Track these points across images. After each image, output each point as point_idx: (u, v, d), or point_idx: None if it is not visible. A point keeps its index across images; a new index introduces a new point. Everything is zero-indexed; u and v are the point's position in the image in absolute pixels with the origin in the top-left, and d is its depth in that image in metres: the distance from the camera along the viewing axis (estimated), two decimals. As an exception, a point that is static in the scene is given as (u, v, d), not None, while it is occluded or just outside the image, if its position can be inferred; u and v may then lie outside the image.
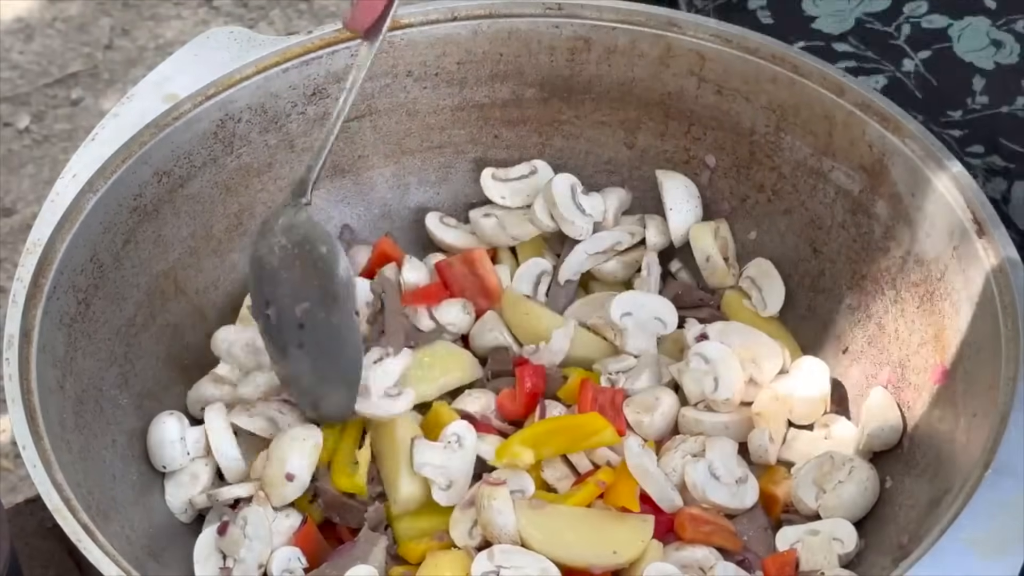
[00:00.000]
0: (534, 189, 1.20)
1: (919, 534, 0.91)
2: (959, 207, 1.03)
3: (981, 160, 1.23)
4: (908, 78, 1.20)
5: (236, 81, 1.14)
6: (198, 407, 1.11)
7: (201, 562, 1.02)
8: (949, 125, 1.23)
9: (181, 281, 1.14)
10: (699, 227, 1.18)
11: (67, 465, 0.94)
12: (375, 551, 1.01)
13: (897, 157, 1.08)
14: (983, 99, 1.22)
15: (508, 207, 1.20)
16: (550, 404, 1.09)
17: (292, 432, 1.05)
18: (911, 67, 1.20)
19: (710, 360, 1.09)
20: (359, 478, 1.03)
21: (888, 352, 1.09)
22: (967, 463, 0.92)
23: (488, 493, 1.00)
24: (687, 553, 1.01)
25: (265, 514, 1.02)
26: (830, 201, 1.14)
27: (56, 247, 1.03)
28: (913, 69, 1.20)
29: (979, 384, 0.97)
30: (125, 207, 1.09)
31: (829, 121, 1.12)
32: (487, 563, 0.98)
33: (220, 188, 1.16)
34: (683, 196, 1.18)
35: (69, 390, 1.01)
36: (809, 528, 1.02)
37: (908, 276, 1.08)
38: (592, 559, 0.99)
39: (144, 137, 1.10)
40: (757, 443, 1.07)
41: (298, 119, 1.18)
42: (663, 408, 1.09)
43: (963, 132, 1.23)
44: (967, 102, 1.22)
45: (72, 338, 1.03)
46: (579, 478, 1.06)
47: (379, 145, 1.22)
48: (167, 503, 1.07)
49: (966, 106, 1.22)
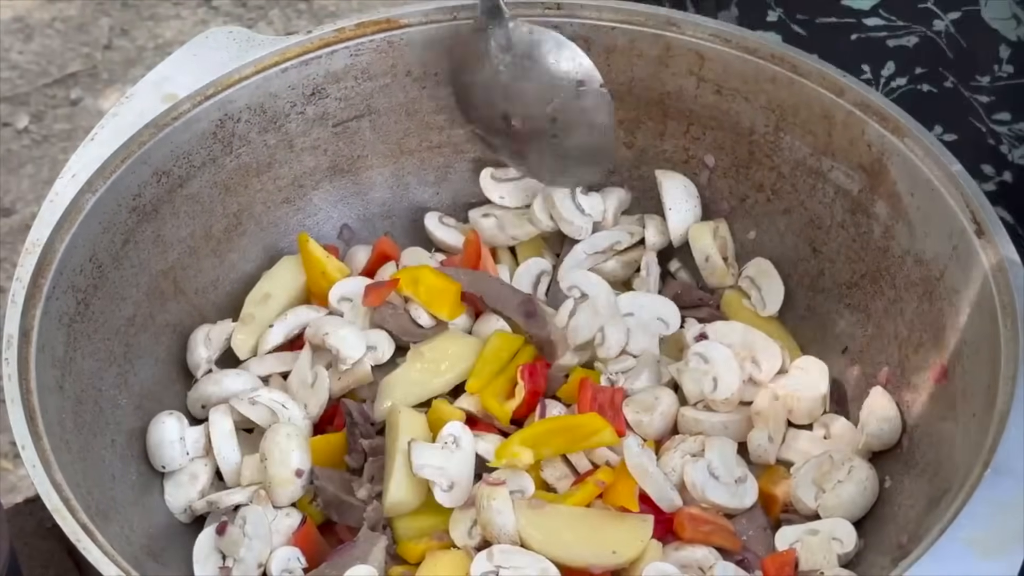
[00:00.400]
0: (533, 189, 1.20)
1: (918, 534, 0.91)
2: (958, 207, 1.03)
3: (1007, 127, 1.23)
4: (940, 37, 1.20)
5: (235, 81, 1.14)
6: (198, 407, 1.11)
7: (200, 562, 1.02)
8: (977, 90, 1.22)
9: (180, 281, 1.14)
10: (698, 227, 1.18)
11: (66, 465, 0.94)
12: (374, 551, 1.01)
13: (896, 157, 1.08)
14: (1009, 68, 1.21)
15: (507, 207, 1.20)
16: (550, 403, 1.09)
17: (284, 429, 1.05)
18: (942, 27, 1.19)
19: (709, 360, 1.09)
20: (506, 408, 1.06)
21: (887, 352, 1.09)
22: (966, 462, 0.92)
23: (488, 493, 1.00)
24: (686, 553, 1.01)
25: (265, 513, 1.02)
26: (829, 201, 1.14)
27: (55, 247, 1.03)
28: (944, 29, 1.20)
29: (978, 383, 0.97)
30: (124, 207, 1.09)
31: (828, 121, 1.12)
32: (486, 563, 0.98)
33: (219, 188, 1.16)
34: (682, 196, 1.18)
35: (68, 390, 1.01)
36: (808, 528, 1.02)
37: (907, 276, 1.08)
38: (591, 559, 0.99)
39: (143, 137, 1.10)
40: (756, 443, 1.07)
41: (297, 119, 1.18)
42: (663, 408, 1.09)
43: (991, 99, 1.23)
44: (994, 68, 1.22)
45: (71, 338, 1.02)
46: (578, 478, 1.06)
47: (378, 145, 1.22)
48: (166, 503, 1.07)
49: (993, 72, 1.22)
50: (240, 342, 1.14)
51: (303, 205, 1.21)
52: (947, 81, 1.23)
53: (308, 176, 1.21)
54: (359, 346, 1.10)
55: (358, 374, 1.10)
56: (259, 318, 1.15)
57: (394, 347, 1.12)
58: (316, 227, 1.21)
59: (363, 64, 1.18)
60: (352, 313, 1.14)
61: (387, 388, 1.10)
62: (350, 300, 1.14)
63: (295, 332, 1.14)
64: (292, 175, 1.20)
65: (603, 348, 1.11)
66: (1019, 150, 1.22)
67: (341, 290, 1.15)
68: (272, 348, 1.13)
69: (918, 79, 1.24)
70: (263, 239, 1.19)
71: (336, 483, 1.05)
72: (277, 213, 1.20)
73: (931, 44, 1.22)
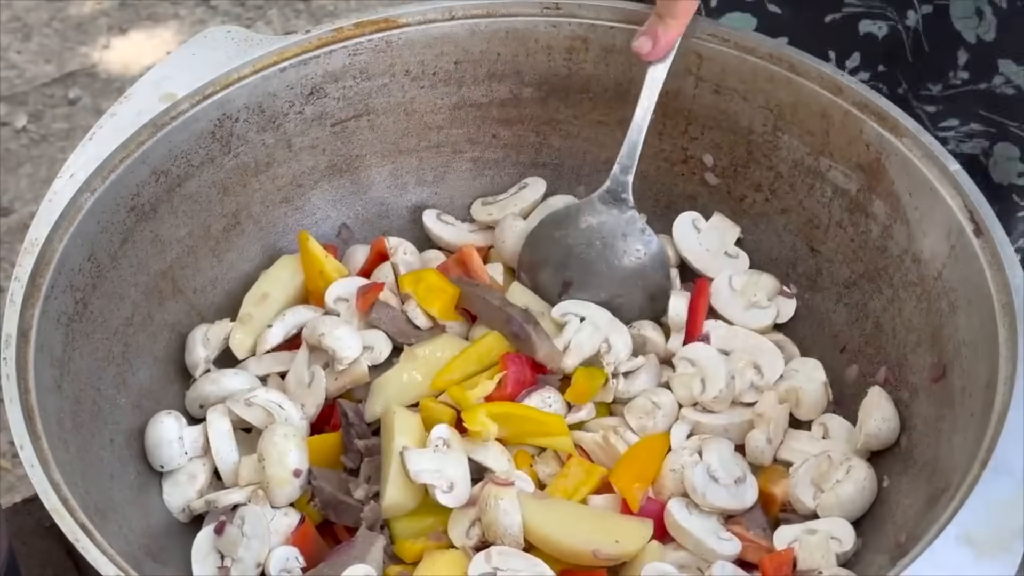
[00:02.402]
0: (527, 202, 1.20)
1: (916, 533, 0.91)
2: (957, 206, 1.03)
3: (954, 131, 1.23)
4: (907, 33, 1.20)
5: (234, 80, 1.14)
6: (196, 406, 1.11)
7: (199, 561, 1.02)
8: (928, 100, 1.23)
9: (179, 280, 1.14)
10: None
11: (65, 465, 0.94)
12: (372, 550, 1.01)
13: (895, 156, 1.08)
14: (964, 75, 1.21)
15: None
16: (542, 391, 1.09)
17: (281, 429, 1.05)
18: (913, 21, 1.19)
19: (696, 363, 1.10)
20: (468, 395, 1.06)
21: (886, 351, 1.09)
22: (965, 462, 0.92)
23: (495, 493, 1.00)
24: (685, 553, 1.01)
25: (263, 513, 1.02)
26: (827, 200, 1.14)
27: (54, 246, 1.03)
28: (914, 24, 1.19)
29: (976, 383, 0.97)
30: (123, 206, 1.09)
31: (826, 120, 1.12)
32: (484, 565, 0.98)
33: (218, 188, 1.15)
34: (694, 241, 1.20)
35: (67, 389, 1.00)
36: (807, 527, 1.02)
37: (905, 275, 1.08)
38: (595, 544, 0.99)
39: (142, 136, 1.10)
40: (754, 444, 1.07)
41: (295, 119, 1.18)
42: (664, 410, 1.09)
43: (938, 108, 1.23)
44: (949, 76, 1.22)
45: (70, 337, 1.02)
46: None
47: (376, 144, 1.22)
48: (165, 502, 1.07)
49: (947, 80, 1.22)
50: (238, 342, 1.14)
51: (301, 204, 1.21)
52: (900, 87, 1.23)
53: (306, 176, 1.21)
54: (355, 346, 1.10)
55: (355, 374, 1.10)
56: (257, 318, 1.15)
57: (391, 348, 1.12)
58: (315, 226, 1.21)
59: (361, 64, 1.18)
60: (348, 313, 1.14)
61: (379, 388, 1.10)
62: (346, 300, 1.14)
63: (293, 332, 1.14)
64: (290, 174, 1.20)
65: (611, 355, 1.11)
66: (969, 143, 1.23)
67: (337, 290, 1.15)
68: (271, 348, 1.13)
69: (879, 77, 1.24)
70: (261, 239, 1.19)
71: (334, 483, 1.05)
72: (275, 213, 1.20)
73: (897, 42, 1.22)
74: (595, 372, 1.10)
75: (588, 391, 1.09)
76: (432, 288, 1.13)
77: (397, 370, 1.11)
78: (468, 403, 1.06)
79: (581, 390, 1.09)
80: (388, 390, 1.10)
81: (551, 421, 1.07)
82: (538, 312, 1.13)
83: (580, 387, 1.09)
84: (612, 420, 1.10)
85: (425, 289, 1.13)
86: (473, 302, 1.14)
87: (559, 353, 1.10)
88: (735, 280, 1.16)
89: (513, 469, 1.05)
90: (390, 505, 1.02)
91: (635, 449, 1.07)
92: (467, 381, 1.09)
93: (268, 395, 1.09)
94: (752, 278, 1.17)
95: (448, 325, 1.14)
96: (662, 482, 1.05)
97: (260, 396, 1.08)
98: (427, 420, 1.06)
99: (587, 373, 1.10)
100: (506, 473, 1.04)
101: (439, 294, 1.13)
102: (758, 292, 1.16)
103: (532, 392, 1.09)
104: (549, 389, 1.10)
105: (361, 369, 1.10)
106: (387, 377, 1.10)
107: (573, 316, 1.13)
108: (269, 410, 1.07)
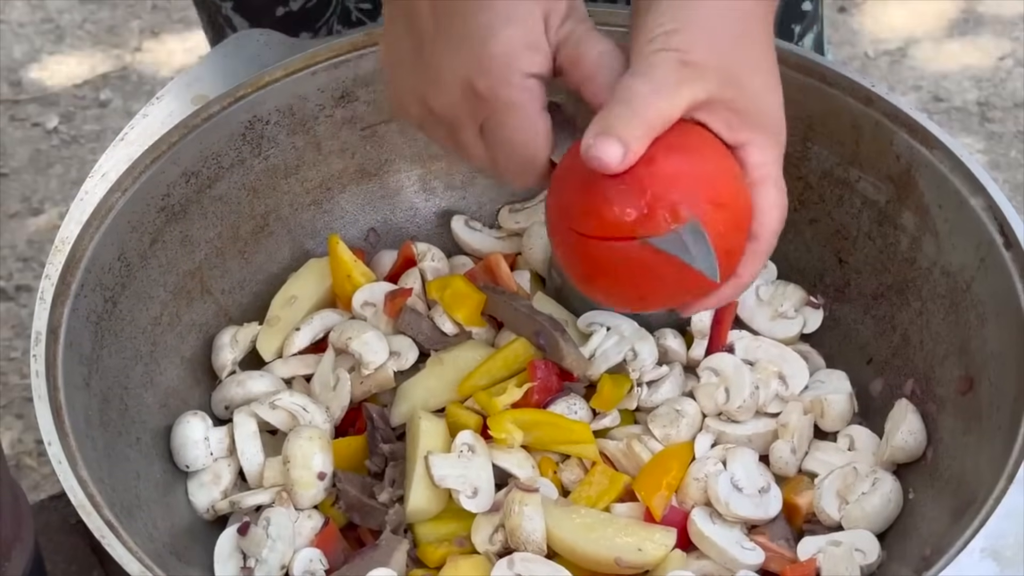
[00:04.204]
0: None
1: (941, 546, 0.91)
2: (987, 218, 1.02)
3: None
4: None
5: (265, 83, 1.14)
6: (221, 407, 1.11)
7: (222, 561, 1.02)
8: None
9: (207, 281, 1.15)
10: None
11: (91, 462, 0.94)
12: (396, 554, 1.01)
13: (925, 168, 1.07)
14: None
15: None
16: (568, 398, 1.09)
17: (306, 432, 1.05)
18: None
19: (720, 372, 1.10)
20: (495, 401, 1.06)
21: (913, 363, 1.09)
22: (991, 475, 0.92)
23: (520, 499, 1.00)
24: (708, 562, 1.01)
25: (288, 515, 1.03)
26: (856, 211, 1.13)
27: (84, 245, 1.03)
28: None
29: (1004, 396, 0.96)
30: (153, 207, 1.09)
31: (857, 131, 1.11)
32: (507, 570, 0.98)
33: (247, 190, 1.16)
34: None
35: (95, 387, 1.01)
36: (831, 539, 1.02)
37: (934, 287, 1.07)
38: (618, 552, 0.99)
39: (173, 138, 1.10)
40: (778, 455, 1.07)
41: (326, 122, 1.18)
42: (688, 419, 1.09)
43: None
44: None
45: (99, 336, 1.03)
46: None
47: (405, 149, 1.22)
48: (190, 502, 1.07)
49: None
50: (265, 344, 1.14)
51: (330, 208, 1.21)
52: None
53: (335, 179, 1.21)
54: (382, 351, 1.10)
55: (380, 379, 1.10)
56: (285, 320, 1.15)
57: (417, 353, 1.12)
58: (343, 230, 1.21)
59: (392, 68, 1.18)
60: (375, 318, 1.14)
61: (405, 393, 1.10)
62: (373, 305, 1.14)
63: (320, 335, 1.14)
64: (320, 178, 1.20)
65: (636, 363, 1.11)
66: None
67: (364, 295, 1.15)
68: (297, 351, 1.14)
69: None
70: (290, 241, 1.20)
71: (358, 486, 1.06)
72: (304, 215, 1.20)
73: None
74: (621, 379, 1.10)
75: (614, 398, 1.09)
76: (457, 294, 1.13)
77: (423, 375, 1.11)
78: (495, 409, 1.06)
79: (607, 397, 1.09)
80: (414, 395, 1.10)
81: (577, 428, 1.07)
82: (562, 320, 1.13)
83: (606, 394, 1.09)
84: (636, 428, 1.10)
85: (451, 295, 1.13)
86: (500, 309, 1.14)
87: (586, 361, 1.10)
88: (762, 290, 1.16)
89: (537, 475, 1.06)
90: (414, 509, 1.02)
91: (659, 458, 1.07)
92: (493, 387, 1.09)
93: (293, 398, 1.09)
94: (779, 288, 1.16)
95: (474, 332, 1.14)
96: (685, 491, 1.05)
97: (285, 399, 1.09)
98: (453, 426, 1.06)
99: (613, 380, 1.10)
100: (530, 479, 1.04)
101: (464, 300, 1.13)
102: (785, 303, 1.15)
103: (558, 399, 1.09)
104: (575, 396, 1.09)
105: (387, 374, 1.10)
106: (413, 382, 1.11)
107: (599, 326, 1.12)
108: (294, 413, 1.08)
